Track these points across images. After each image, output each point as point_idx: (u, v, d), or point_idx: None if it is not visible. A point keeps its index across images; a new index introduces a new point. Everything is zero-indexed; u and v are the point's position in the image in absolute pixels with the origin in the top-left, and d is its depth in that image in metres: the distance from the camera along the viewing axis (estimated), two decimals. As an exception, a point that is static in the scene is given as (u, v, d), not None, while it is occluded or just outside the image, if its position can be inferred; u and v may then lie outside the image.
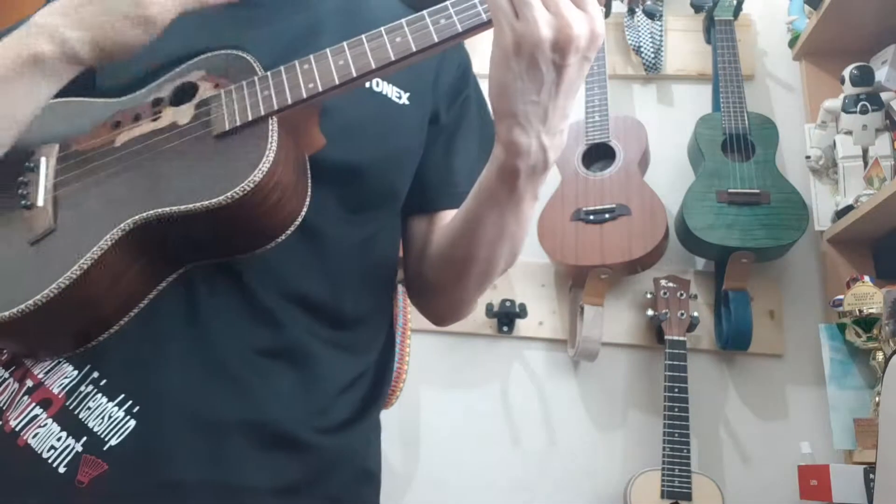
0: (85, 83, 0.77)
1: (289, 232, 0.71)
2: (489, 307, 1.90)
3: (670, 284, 1.78)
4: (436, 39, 0.68)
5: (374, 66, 0.68)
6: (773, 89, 2.06)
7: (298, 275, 0.77)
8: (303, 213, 0.71)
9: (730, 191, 1.74)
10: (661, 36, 2.09)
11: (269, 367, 0.75)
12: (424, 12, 0.69)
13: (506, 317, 1.92)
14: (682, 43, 2.11)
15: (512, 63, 0.63)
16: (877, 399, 1.51)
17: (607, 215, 1.76)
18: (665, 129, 2.00)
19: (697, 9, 1.95)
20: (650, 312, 1.78)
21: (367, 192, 0.81)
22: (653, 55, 2.06)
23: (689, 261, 1.91)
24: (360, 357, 0.84)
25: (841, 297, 1.61)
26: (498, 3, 0.63)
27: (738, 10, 1.98)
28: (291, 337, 0.76)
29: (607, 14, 2.06)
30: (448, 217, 0.87)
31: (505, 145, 0.68)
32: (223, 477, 0.71)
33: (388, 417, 1.97)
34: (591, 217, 1.77)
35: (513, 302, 1.91)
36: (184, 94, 0.75)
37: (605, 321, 1.79)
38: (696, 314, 1.75)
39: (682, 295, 1.77)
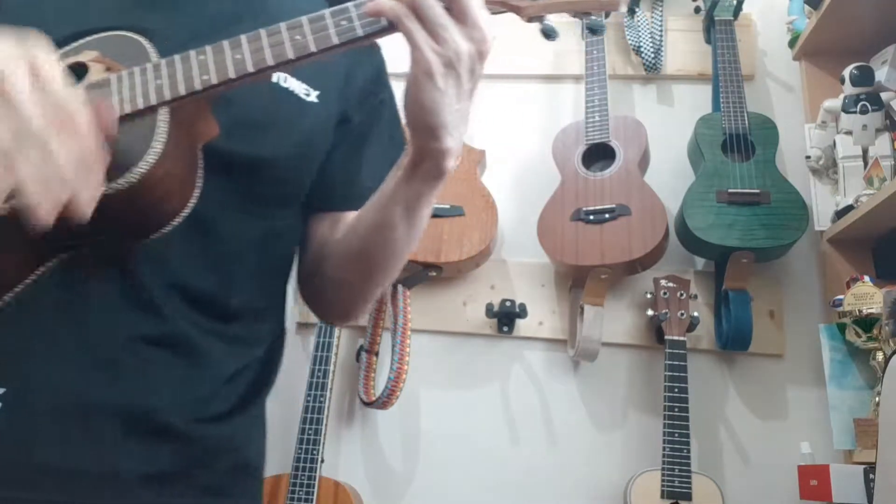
0: None
1: (175, 223, 0.70)
2: (489, 307, 1.90)
3: (670, 284, 1.78)
4: (336, 41, 0.67)
5: (270, 63, 0.67)
6: (773, 89, 2.06)
7: (185, 265, 0.76)
8: (190, 205, 0.70)
9: (730, 191, 1.74)
10: (661, 36, 2.09)
11: (148, 354, 0.74)
12: (326, 11, 0.68)
13: (506, 317, 1.92)
14: (682, 43, 2.11)
15: (439, 82, 0.66)
16: (877, 399, 1.51)
17: (607, 215, 1.76)
18: (665, 129, 2.00)
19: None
20: (650, 312, 1.78)
21: (267, 188, 0.81)
22: (653, 55, 2.06)
23: (689, 261, 1.91)
24: (246, 350, 0.83)
25: (841, 297, 1.61)
26: (414, 34, 0.65)
27: (738, 10, 1.98)
28: (173, 326, 0.75)
29: (607, 14, 2.06)
30: (350, 218, 0.88)
31: (436, 154, 0.71)
32: (91, 462, 0.70)
33: (388, 417, 2.00)
34: (591, 217, 1.77)
35: (513, 302, 1.91)
36: (73, 74, 0.71)
37: (605, 321, 1.79)
38: (696, 314, 1.75)
39: (682, 295, 1.77)
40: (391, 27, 0.67)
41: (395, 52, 0.83)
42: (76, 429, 0.70)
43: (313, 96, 0.84)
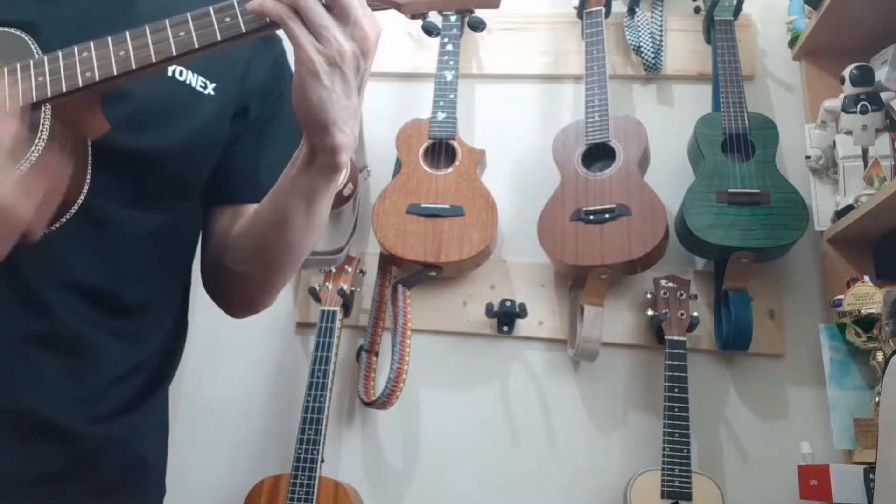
0: None
1: (63, 220, 0.69)
2: (489, 307, 1.90)
3: (670, 284, 1.78)
4: (219, 38, 0.68)
5: (154, 60, 0.68)
6: (773, 89, 2.06)
7: (76, 261, 0.76)
8: (79, 202, 0.70)
9: (730, 191, 1.74)
10: (661, 36, 2.09)
11: (33, 353, 0.74)
12: (210, 8, 0.69)
13: (506, 317, 1.92)
14: (682, 43, 2.11)
15: (324, 80, 0.67)
16: (877, 399, 1.51)
17: (607, 215, 1.76)
18: (665, 129, 1.99)
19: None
20: (650, 312, 1.78)
21: (160, 180, 0.81)
22: (653, 55, 2.06)
23: (689, 261, 1.91)
24: (142, 345, 0.83)
25: (841, 297, 1.60)
26: (297, 34, 0.66)
27: (738, 10, 1.98)
28: (62, 324, 0.75)
29: (607, 14, 2.07)
30: (250, 211, 0.88)
31: (328, 149, 0.72)
32: None
33: (389, 417, 2.00)
34: (591, 217, 1.77)
35: (513, 302, 1.90)
36: None
37: (605, 321, 1.79)
38: (696, 314, 1.74)
39: (682, 295, 1.77)
40: (274, 24, 0.68)
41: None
42: None
43: (210, 88, 0.84)
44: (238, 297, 0.94)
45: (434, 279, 1.91)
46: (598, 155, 1.89)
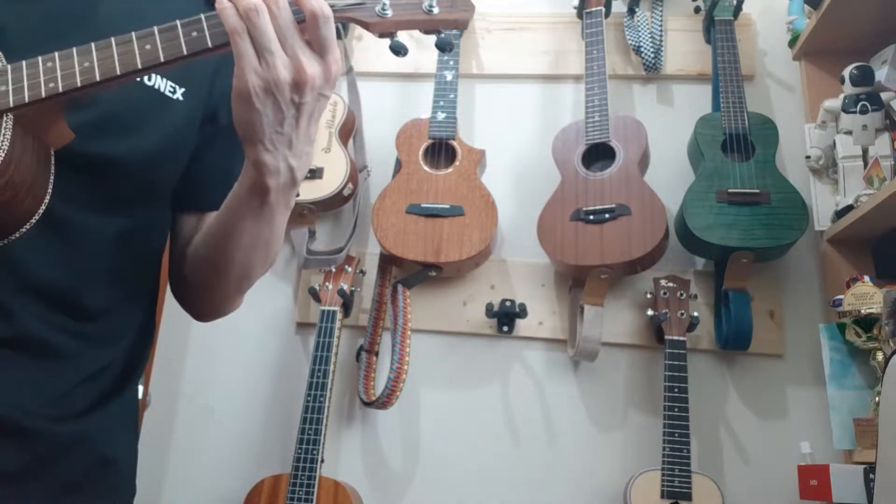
0: None
1: (24, 230, 0.70)
2: (489, 307, 1.90)
3: (670, 284, 1.78)
4: (184, 52, 0.69)
5: (118, 73, 0.68)
6: (773, 89, 2.06)
7: (38, 264, 0.76)
8: (40, 211, 0.70)
9: (730, 191, 1.74)
10: (661, 36, 2.09)
11: None
12: (178, 22, 0.69)
13: (506, 317, 1.92)
14: (682, 43, 2.11)
15: (255, 102, 0.68)
16: (877, 399, 1.52)
17: (607, 215, 1.76)
18: (665, 129, 2.00)
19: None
20: (650, 312, 1.78)
21: (125, 186, 0.81)
22: (653, 55, 2.06)
23: (689, 261, 1.91)
24: (106, 348, 0.84)
25: (841, 297, 1.61)
26: (243, 50, 0.67)
27: (738, 10, 1.98)
28: (23, 326, 0.75)
29: (607, 14, 2.07)
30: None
31: (255, 166, 0.73)
32: None
33: (389, 417, 2.00)
34: (591, 217, 1.77)
35: (513, 302, 1.90)
36: None
37: (605, 321, 1.79)
38: (696, 314, 1.75)
39: (682, 295, 1.77)
40: None
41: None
42: None
43: (178, 94, 0.84)
44: (196, 304, 0.95)
45: (434, 279, 1.91)
46: (598, 155, 1.89)
